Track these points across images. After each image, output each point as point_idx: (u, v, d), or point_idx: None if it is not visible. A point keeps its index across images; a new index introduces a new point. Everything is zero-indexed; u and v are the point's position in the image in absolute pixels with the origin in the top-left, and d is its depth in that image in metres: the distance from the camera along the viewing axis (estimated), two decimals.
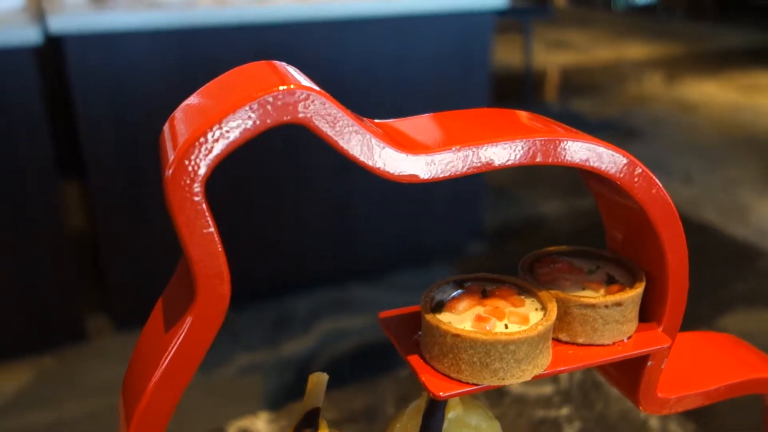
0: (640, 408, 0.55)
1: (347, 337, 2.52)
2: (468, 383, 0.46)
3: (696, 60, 6.52)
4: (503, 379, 0.46)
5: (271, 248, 2.48)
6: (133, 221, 2.19)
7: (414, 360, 0.48)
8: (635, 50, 6.89)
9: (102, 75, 1.99)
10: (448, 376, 0.46)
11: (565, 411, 1.20)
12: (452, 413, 0.52)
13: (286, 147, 2.33)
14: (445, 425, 0.52)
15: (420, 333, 0.49)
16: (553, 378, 1.30)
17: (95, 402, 2.15)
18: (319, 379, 0.55)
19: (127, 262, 2.27)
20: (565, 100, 5.26)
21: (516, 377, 0.46)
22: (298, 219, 2.48)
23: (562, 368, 0.48)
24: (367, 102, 2.40)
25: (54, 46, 2.11)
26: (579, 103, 5.16)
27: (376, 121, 0.44)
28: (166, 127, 0.40)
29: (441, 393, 0.45)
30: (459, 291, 0.50)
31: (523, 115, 0.48)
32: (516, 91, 5.28)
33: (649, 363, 0.53)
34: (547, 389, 1.27)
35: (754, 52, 6.90)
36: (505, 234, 3.17)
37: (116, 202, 2.16)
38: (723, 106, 5.02)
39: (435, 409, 0.51)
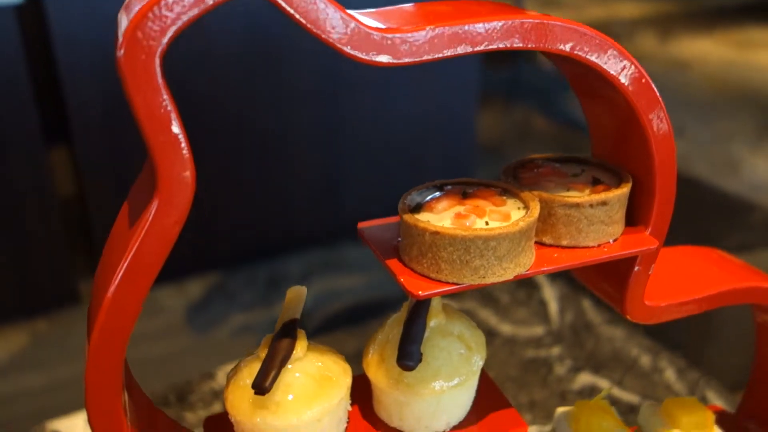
0: (628, 317, 0.54)
1: (340, 297, 2.52)
2: (448, 283, 0.44)
3: (690, 17, 6.44)
4: (484, 277, 0.44)
5: (262, 210, 2.46)
6: (120, 184, 2.16)
7: (393, 264, 0.46)
8: (628, 8, 6.79)
9: (86, 35, 1.94)
10: (428, 277, 0.45)
11: (555, 351, 1.20)
12: (434, 321, 0.51)
13: (272, 108, 2.29)
14: (427, 333, 0.50)
15: (399, 239, 0.48)
16: (544, 319, 1.30)
17: None
18: (297, 293, 0.54)
19: (111, 225, 2.25)
20: None
21: (497, 275, 0.44)
22: (287, 180, 2.45)
23: (546, 268, 0.47)
24: None
25: (36, 5, 2.05)
26: None
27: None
28: (119, 12, 0.38)
29: (420, 292, 0.44)
30: (438, 193, 0.48)
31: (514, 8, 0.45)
32: (507, 51, 5.20)
33: (636, 268, 0.51)
34: (538, 330, 1.27)
35: (749, 7, 6.81)
36: None
37: (104, 165, 2.12)
38: (717, 62, 4.97)
39: (416, 316, 0.50)
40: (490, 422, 0.53)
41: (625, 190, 0.49)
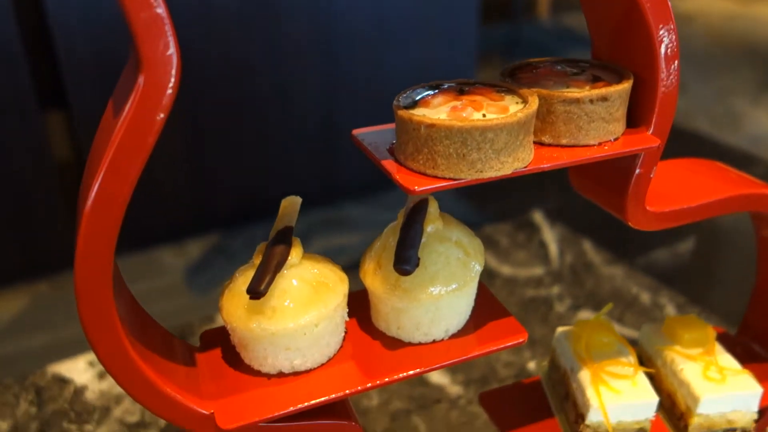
0: (630, 223, 0.53)
1: (342, 254, 2.51)
2: (445, 178, 0.43)
3: None
4: (481, 171, 0.43)
5: (261, 170, 2.44)
6: None
7: (388, 163, 0.45)
8: None
9: None
10: (425, 174, 0.44)
11: (555, 290, 1.20)
12: (431, 227, 0.50)
13: (270, 65, 2.26)
14: (424, 239, 0.49)
15: (394, 141, 0.47)
16: (544, 260, 1.29)
17: None
18: (292, 202, 0.53)
19: None
20: (556, 16, 5.12)
21: (495, 170, 0.43)
22: (287, 139, 2.43)
23: (545, 165, 0.45)
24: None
25: None
26: (570, 19, 5.01)
27: None
28: None
29: (416, 188, 0.43)
30: (434, 91, 0.47)
31: None
32: (506, 6, 5.12)
33: (638, 171, 0.50)
34: (538, 271, 1.26)
35: None
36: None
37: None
38: (719, 15, 4.90)
39: (413, 222, 0.49)
40: (489, 330, 0.52)
41: (626, 86, 0.47)
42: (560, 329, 0.67)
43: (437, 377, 1.04)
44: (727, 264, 1.35)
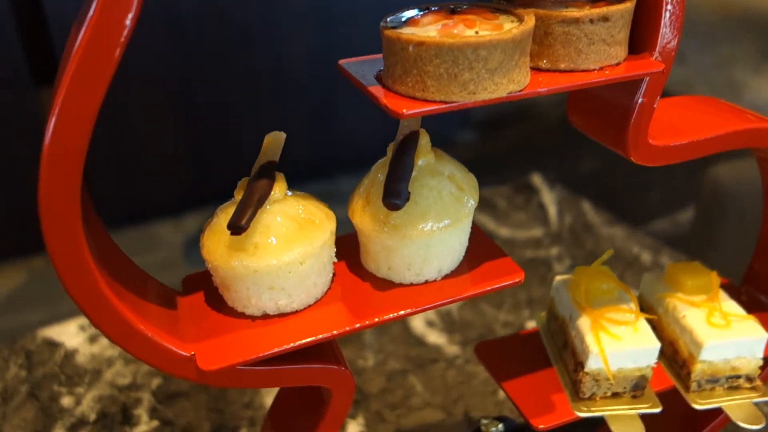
0: (631, 157, 0.50)
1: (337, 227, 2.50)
2: (435, 101, 0.40)
3: None
4: (474, 93, 0.40)
5: (256, 143, 2.41)
6: (111, 121, 2.11)
7: (375, 89, 0.43)
8: None
9: None
10: (413, 97, 0.41)
11: (555, 251, 1.17)
12: (422, 160, 0.47)
13: (265, 39, 2.22)
14: (415, 172, 0.47)
15: (382, 69, 0.44)
16: (543, 222, 1.27)
17: None
18: (276, 138, 0.50)
19: (108, 161, 2.21)
20: None
21: (489, 91, 0.40)
22: (282, 112, 2.40)
23: (542, 89, 0.43)
24: None
25: None
26: None
27: None
28: None
29: (404, 110, 0.40)
30: (424, 11, 0.44)
31: None
32: None
33: (640, 100, 0.48)
34: (537, 232, 1.24)
35: None
36: (495, 122, 3.09)
37: None
38: None
39: (403, 154, 0.46)
40: (484, 270, 0.50)
41: (628, 5, 0.44)
42: (558, 278, 0.65)
43: (434, 337, 1.02)
44: (730, 226, 1.32)
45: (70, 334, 1.05)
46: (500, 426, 0.68)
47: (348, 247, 0.52)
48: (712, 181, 1.43)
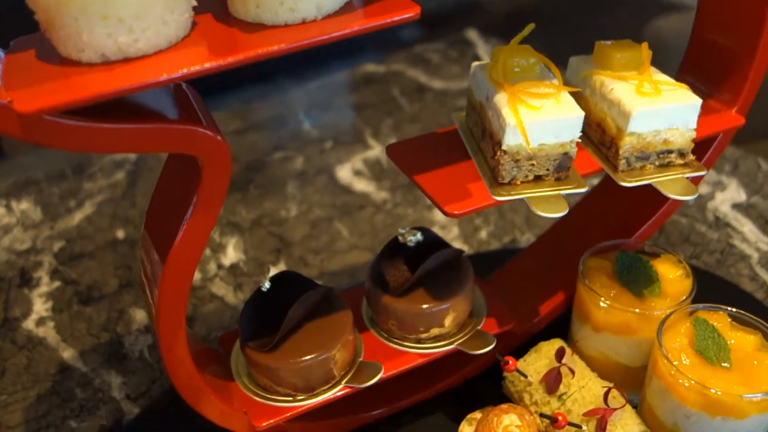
0: None
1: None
2: None
3: None
4: None
5: None
6: None
7: None
8: None
9: None
10: None
11: None
12: None
13: None
14: None
15: None
16: None
17: None
18: None
19: None
20: None
21: None
22: None
23: None
24: None
25: None
26: None
27: None
28: None
29: None
30: None
31: None
32: None
33: None
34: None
35: None
36: (440, 18, 2.96)
37: None
38: None
39: None
40: (375, 7, 0.42)
41: None
42: (476, 63, 0.58)
43: (363, 185, 0.96)
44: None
45: None
46: (418, 235, 0.62)
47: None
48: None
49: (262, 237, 0.87)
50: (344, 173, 0.98)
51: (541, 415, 0.57)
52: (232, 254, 0.85)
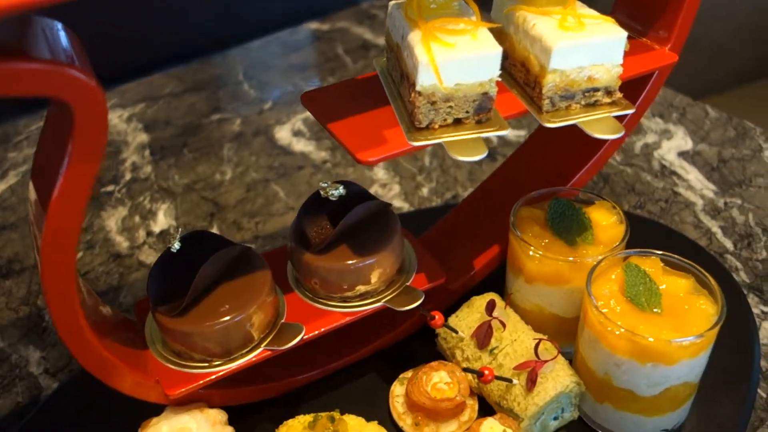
0: None
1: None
2: None
3: None
4: None
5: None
6: None
7: None
8: None
9: None
10: None
11: None
12: None
13: None
14: None
15: None
16: None
17: None
18: None
19: None
20: None
21: None
22: None
23: None
24: None
25: None
26: None
27: None
28: None
29: None
30: None
31: None
32: None
33: None
34: None
35: None
36: None
37: None
38: None
39: None
40: None
41: None
42: (393, 2, 0.54)
43: (302, 145, 0.92)
44: None
45: None
46: (341, 189, 0.59)
47: None
48: None
49: (195, 202, 0.83)
50: (283, 134, 0.94)
51: (466, 370, 0.55)
52: (162, 220, 0.81)
